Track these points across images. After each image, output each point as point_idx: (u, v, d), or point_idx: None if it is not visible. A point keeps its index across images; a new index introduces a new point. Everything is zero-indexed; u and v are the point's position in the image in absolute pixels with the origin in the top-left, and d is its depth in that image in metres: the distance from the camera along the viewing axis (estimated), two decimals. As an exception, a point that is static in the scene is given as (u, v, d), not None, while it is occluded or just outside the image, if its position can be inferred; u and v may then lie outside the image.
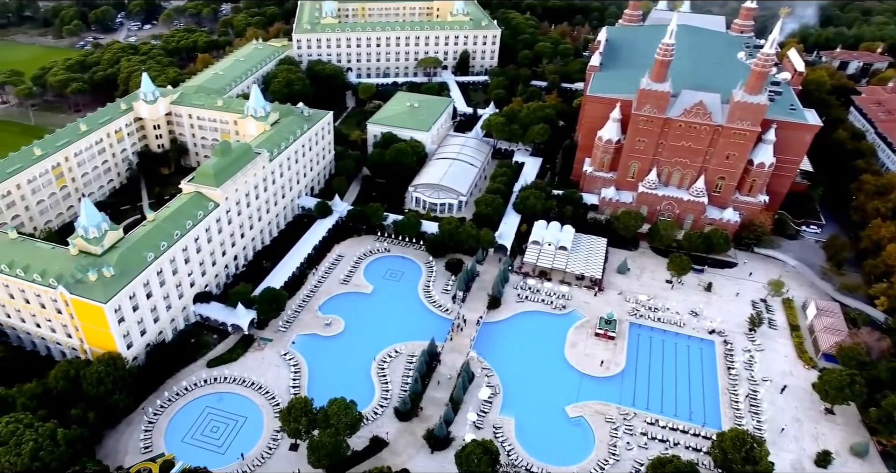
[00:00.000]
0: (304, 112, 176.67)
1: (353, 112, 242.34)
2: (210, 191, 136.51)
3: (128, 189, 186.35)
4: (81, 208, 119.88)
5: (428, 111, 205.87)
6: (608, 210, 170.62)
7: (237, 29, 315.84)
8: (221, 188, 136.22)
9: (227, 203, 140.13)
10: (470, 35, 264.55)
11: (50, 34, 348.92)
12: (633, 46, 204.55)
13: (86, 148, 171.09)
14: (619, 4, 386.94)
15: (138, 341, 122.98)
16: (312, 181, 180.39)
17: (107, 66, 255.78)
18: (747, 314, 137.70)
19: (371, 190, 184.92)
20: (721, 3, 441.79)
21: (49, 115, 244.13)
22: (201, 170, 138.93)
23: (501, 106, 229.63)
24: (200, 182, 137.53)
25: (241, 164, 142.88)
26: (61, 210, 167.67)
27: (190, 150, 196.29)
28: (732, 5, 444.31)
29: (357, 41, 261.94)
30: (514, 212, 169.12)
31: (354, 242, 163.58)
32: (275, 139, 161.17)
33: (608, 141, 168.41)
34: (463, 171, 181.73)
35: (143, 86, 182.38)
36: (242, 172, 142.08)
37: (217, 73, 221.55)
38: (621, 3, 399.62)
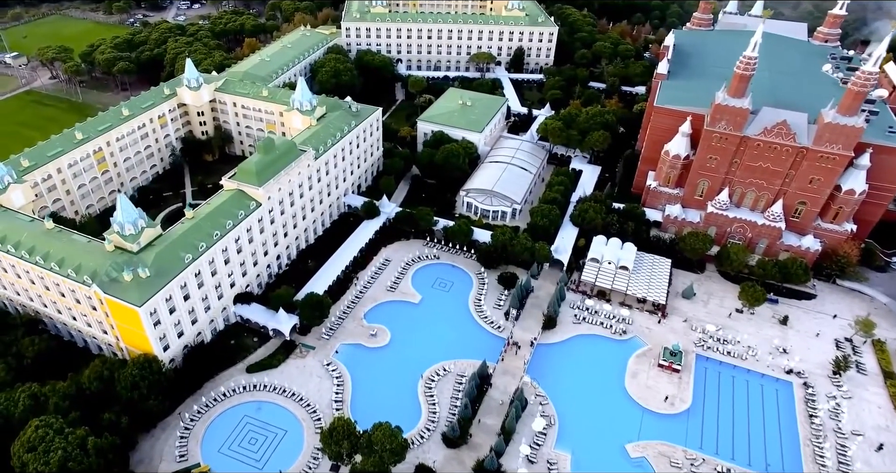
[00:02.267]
0: (352, 107, 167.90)
1: (403, 105, 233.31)
2: (252, 189, 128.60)
3: (171, 175, 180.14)
4: (118, 203, 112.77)
5: (481, 110, 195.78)
6: (672, 228, 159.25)
7: (285, 13, 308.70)
8: (264, 187, 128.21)
9: (270, 202, 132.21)
10: (526, 31, 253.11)
11: (101, 10, 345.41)
12: (704, 53, 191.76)
13: (128, 133, 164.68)
14: (681, 3, 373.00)
15: (175, 343, 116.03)
16: (359, 179, 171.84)
17: (154, 45, 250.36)
18: (831, 354, 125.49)
19: (420, 190, 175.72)
20: (793, 5, 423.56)
21: (95, 93, 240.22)
22: (243, 167, 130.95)
23: (558, 107, 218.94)
24: (242, 179, 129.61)
25: (285, 162, 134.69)
26: (103, 194, 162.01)
27: (234, 138, 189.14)
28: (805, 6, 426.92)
29: (408, 32, 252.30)
30: (572, 224, 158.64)
31: (402, 246, 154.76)
32: (321, 135, 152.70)
33: (676, 156, 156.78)
34: (517, 177, 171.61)
35: (187, 73, 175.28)
36: (286, 171, 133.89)
37: (263, 59, 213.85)
38: (683, 1, 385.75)
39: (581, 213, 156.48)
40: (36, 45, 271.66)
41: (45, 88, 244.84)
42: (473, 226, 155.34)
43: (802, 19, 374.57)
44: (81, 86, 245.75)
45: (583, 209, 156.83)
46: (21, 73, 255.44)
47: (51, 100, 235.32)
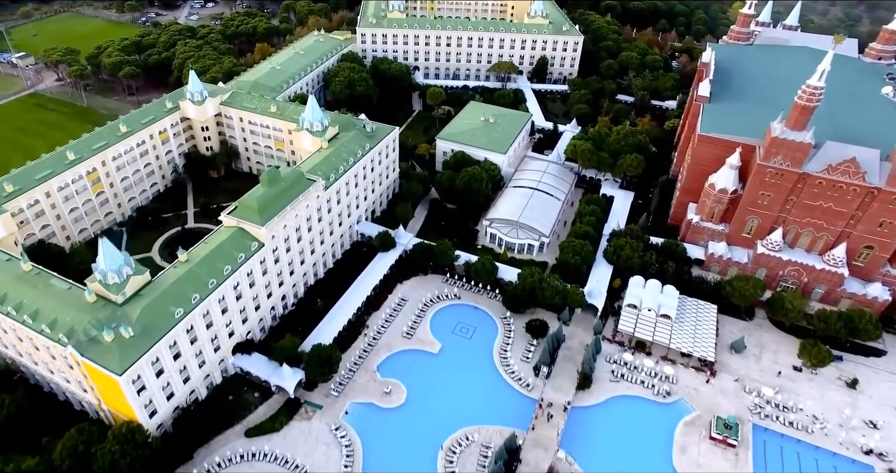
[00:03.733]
0: (367, 127, 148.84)
1: (420, 117, 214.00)
2: (254, 228, 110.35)
3: (172, 193, 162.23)
4: (100, 248, 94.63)
5: (505, 128, 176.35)
6: (716, 267, 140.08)
7: (299, 15, 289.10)
8: (267, 226, 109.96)
9: (274, 241, 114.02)
10: (549, 40, 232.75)
11: (114, 7, 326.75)
12: (746, 72, 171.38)
13: (126, 150, 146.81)
14: (705, 6, 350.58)
15: (164, 407, 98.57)
16: (374, 204, 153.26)
17: (162, 49, 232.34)
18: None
19: (439, 216, 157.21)
20: (822, 11, 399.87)
21: (101, 98, 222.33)
22: (244, 203, 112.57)
23: (584, 123, 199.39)
24: (243, 216, 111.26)
25: (292, 195, 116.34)
26: (98, 217, 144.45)
27: (241, 154, 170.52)
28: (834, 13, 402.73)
29: (426, 39, 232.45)
30: (605, 261, 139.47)
31: (420, 282, 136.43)
32: (332, 160, 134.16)
33: (722, 190, 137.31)
34: (544, 205, 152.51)
35: (191, 85, 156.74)
36: (292, 205, 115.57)
37: (274, 67, 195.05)
38: (708, 4, 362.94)
39: (616, 250, 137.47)
40: (45, 44, 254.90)
41: (50, 91, 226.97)
42: (498, 261, 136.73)
43: (833, 28, 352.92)
44: (87, 89, 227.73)
45: (618, 245, 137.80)
46: (26, 74, 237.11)
47: (54, 104, 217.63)
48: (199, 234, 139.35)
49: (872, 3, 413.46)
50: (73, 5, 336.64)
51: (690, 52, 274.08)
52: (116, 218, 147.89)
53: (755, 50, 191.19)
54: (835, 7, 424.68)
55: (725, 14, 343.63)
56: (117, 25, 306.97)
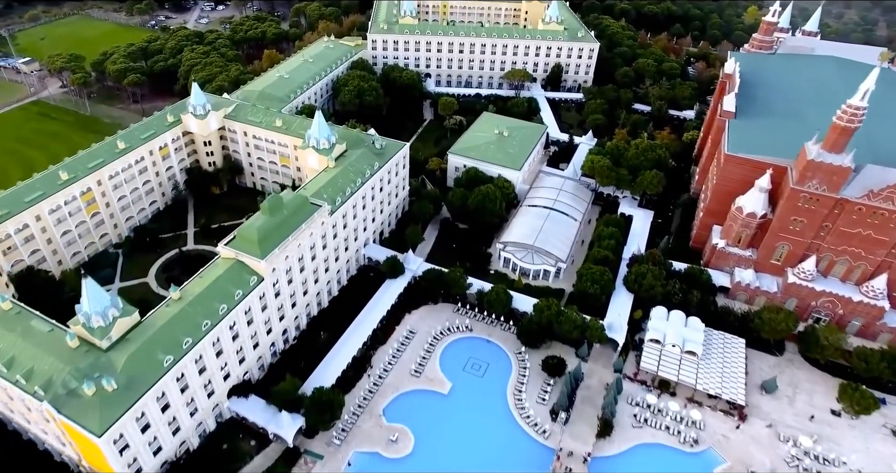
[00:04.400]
0: (376, 143, 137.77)
1: (431, 127, 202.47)
2: (253, 261, 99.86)
3: (173, 211, 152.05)
4: (83, 288, 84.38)
5: (519, 142, 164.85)
6: (742, 296, 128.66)
7: (310, 18, 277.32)
8: (267, 259, 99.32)
9: (275, 274, 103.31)
10: (564, 47, 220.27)
11: (123, 10, 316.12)
12: (771, 84, 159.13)
13: (124, 168, 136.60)
14: (719, 10, 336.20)
15: (151, 463, 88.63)
16: (382, 225, 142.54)
17: (169, 55, 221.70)
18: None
19: (451, 238, 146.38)
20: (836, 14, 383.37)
21: (105, 107, 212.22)
22: (243, 233, 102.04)
23: (600, 134, 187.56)
24: (241, 248, 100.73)
25: (295, 224, 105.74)
26: (93, 239, 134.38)
27: (245, 169, 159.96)
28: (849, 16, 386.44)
29: (438, 45, 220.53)
30: (625, 288, 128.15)
31: (429, 312, 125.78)
32: (339, 181, 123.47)
33: (751, 214, 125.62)
34: (561, 227, 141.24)
35: (193, 98, 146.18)
36: (295, 235, 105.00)
37: (282, 76, 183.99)
38: (722, 7, 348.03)
39: (637, 278, 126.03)
40: (53, 48, 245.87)
41: (54, 99, 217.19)
42: (512, 288, 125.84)
43: (850, 32, 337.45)
44: (92, 97, 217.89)
45: (639, 273, 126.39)
46: (30, 81, 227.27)
47: (57, 113, 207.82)
48: (198, 258, 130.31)
49: (890, 5, 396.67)
50: (84, 7, 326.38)
51: (707, 58, 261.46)
52: (112, 239, 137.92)
53: (779, 60, 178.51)
54: (850, 10, 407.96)
55: (740, 18, 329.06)
56: (126, 29, 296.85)
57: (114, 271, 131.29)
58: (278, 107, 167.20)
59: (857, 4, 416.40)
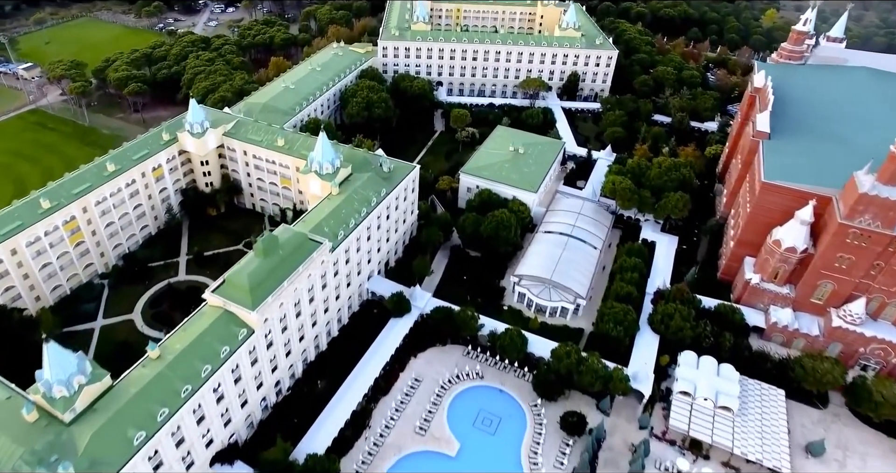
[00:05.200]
0: (384, 166, 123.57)
1: (442, 138, 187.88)
2: (243, 312, 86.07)
3: (165, 235, 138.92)
4: (45, 353, 71.25)
5: (536, 160, 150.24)
6: (778, 337, 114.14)
7: (320, 22, 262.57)
8: (259, 310, 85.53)
9: (267, 324, 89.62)
10: (582, 54, 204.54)
11: (133, 13, 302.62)
12: (804, 99, 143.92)
13: (112, 192, 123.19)
14: (736, 12, 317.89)
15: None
16: (388, 254, 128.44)
17: (173, 62, 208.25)
18: None
19: (461, 267, 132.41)
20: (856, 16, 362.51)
21: (103, 117, 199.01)
22: (233, 280, 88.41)
23: (619, 147, 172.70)
24: (230, 296, 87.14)
25: (291, 267, 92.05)
26: (76, 270, 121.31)
27: (244, 190, 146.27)
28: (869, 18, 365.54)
29: (451, 52, 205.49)
30: (650, 328, 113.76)
31: (437, 355, 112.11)
32: (342, 212, 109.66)
33: (790, 248, 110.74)
34: (580, 257, 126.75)
35: (191, 115, 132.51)
36: (291, 279, 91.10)
37: (288, 86, 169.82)
38: (737, 5, 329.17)
39: (663, 318, 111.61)
40: (57, 52, 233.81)
41: (52, 107, 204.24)
42: (527, 329, 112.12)
43: (869, 36, 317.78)
44: (93, 105, 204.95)
45: (665, 312, 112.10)
46: (30, 88, 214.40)
47: (55, 123, 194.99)
48: (189, 291, 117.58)
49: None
50: (93, 9, 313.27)
51: (725, 64, 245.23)
52: (98, 269, 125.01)
53: (810, 71, 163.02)
54: (869, 12, 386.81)
55: (758, 21, 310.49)
56: (134, 32, 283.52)
57: (97, 306, 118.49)
58: (282, 121, 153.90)
59: (875, 5, 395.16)
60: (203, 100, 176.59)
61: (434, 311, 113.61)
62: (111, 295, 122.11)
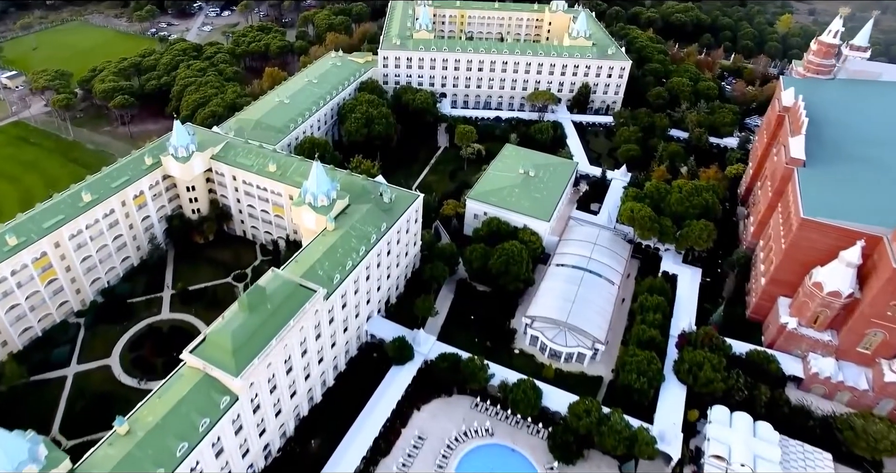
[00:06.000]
0: (385, 196, 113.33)
1: (446, 155, 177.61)
2: (226, 378, 75.92)
3: (149, 267, 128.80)
4: (-9, 441, 60.92)
5: (548, 184, 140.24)
6: (819, 389, 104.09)
7: (318, 28, 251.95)
8: (244, 376, 75.40)
9: (253, 388, 79.43)
10: (593, 65, 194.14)
11: (125, 17, 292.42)
12: (838, 119, 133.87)
13: (88, 224, 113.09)
14: (749, 17, 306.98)
15: None
16: (389, 291, 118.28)
17: (163, 72, 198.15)
18: None
19: (468, 304, 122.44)
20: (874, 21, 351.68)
21: (88, 131, 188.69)
22: (214, 339, 78.53)
23: (634, 166, 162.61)
24: (212, 359, 77.26)
25: (281, 322, 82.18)
26: (48, 310, 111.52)
27: (234, 216, 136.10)
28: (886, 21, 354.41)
29: (455, 63, 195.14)
30: (676, 377, 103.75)
31: (442, 407, 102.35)
32: (339, 253, 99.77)
33: (833, 293, 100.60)
34: (598, 296, 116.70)
35: (175, 138, 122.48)
36: (281, 335, 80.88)
37: (282, 101, 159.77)
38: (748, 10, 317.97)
39: (691, 367, 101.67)
40: (44, 59, 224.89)
41: (35, 120, 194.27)
42: (540, 378, 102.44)
43: (891, 42, 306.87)
44: (79, 117, 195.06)
45: (693, 361, 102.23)
46: (12, 98, 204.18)
47: (37, 137, 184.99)
48: (173, 331, 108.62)
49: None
50: (84, 12, 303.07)
51: (741, 73, 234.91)
52: (74, 307, 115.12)
53: (841, 88, 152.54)
54: (886, 16, 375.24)
55: (773, 26, 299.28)
56: (126, 37, 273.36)
57: (71, 350, 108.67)
58: (276, 140, 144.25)
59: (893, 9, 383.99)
60: (193, 115, 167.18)
61: (439, 359, 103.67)
62: (87, 337, 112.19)
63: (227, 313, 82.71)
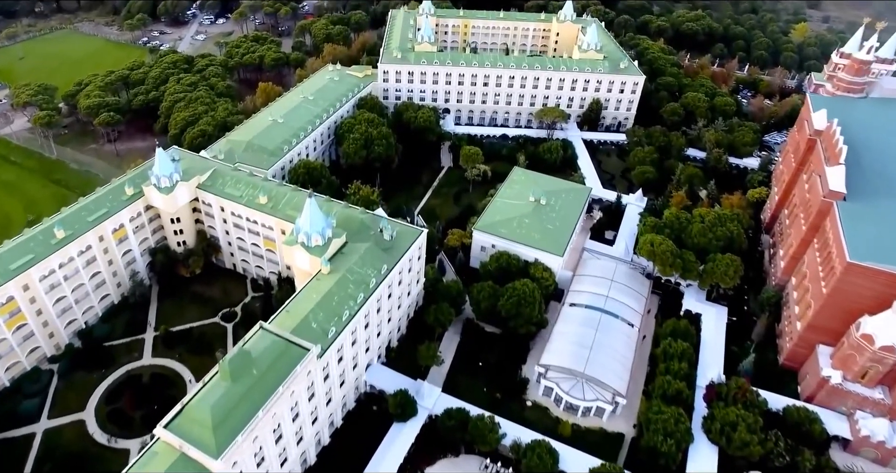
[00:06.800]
0: (385, 233, 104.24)
1: (450, 177, 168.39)
2: (206, 459, 66.60)
3: (131, 305, 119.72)
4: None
5: (560, 214, 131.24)
6: (869, 453, 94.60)
7: (315, 38, 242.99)
8: (226, 457, 66.12)
9: (238, 466, 69.95)
10: (605, 80, 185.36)
11: (116, 24, 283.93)
12: (881, 144, 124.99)
13: (62, 263, 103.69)
14: (762, 26, 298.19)
15: None
16: (390, 335, 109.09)
17: (151, 86, 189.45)
18: None
19: (476, 348, 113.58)
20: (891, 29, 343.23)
21: (71, 150, 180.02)
22: (192, 413, 69.85)
23: (649, 189, 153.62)
24: (189, 436, 68.40)
25: (269, 389, 73.63)
26: (17, 358, 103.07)
27: (223, 248, 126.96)
28: None
29: (459, 77, 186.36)
30: (706, 437, 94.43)
31: (449, 467, 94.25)
32: (334, 301, 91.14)
33: (886, 347, 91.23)
34: (617, 341, 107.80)
35: (158, 168, 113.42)
36: (267, 407, 71.73)
37: (276, 120, 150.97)
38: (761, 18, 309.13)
39: (723, 426, 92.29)
40: (30, 70, 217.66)
41: (17, 136, 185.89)
42: (556, 437, 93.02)
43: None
44: (63, 134, 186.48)
45: (725, 419, 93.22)
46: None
47: (18, 155, 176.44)
48: (154, 380, 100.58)
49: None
50: (74, 20, 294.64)
51: (756, 85, 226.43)
52: (47, 352, 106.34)
53: (876, 108, 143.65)
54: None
55: (787, 36, 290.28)
56: (116, 46, 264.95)
57: (42, 401, 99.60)
58: (268, 164, 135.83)
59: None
60: (181, 134, 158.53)
61: (445, 416, 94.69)
62: (60, 386, 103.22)
63: (209, 379, 73.34)
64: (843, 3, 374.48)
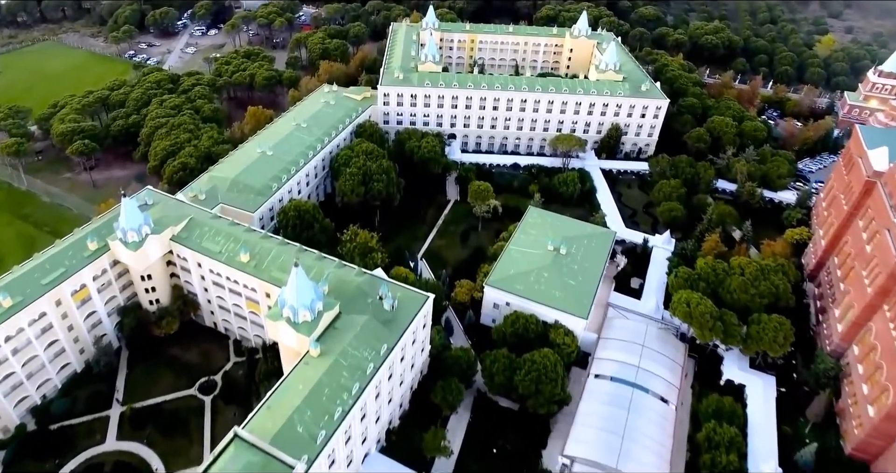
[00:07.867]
0: (385, 301, 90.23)
1: (456, 213, 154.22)
2: None
3: (94, 375, 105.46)
4: None
5: (583, 265, 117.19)
6: None
7: (310, 52, 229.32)
8: None
9: None
10: (625, 104, 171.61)
11: (102, 36, 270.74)
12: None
13: (10, 336, 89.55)
14: (783, 37, 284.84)
15: None
16: (391, 416, 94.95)
17: (132, 109, 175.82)
18: None
19: (489, 428, 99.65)
20: None
21: (42, 182, 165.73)
22: None
23: (678, 227, 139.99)
24: None
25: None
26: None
27: (203, 306, 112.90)
28: None
29: (466, 101, 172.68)
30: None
31: None
32: (324, 394, 77.31)
33: (981, 447, 76.33)
34: (652, 424, 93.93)
35: (124, 220, 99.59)
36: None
37: (265, 152, 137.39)
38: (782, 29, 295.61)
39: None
40: (8, 85, 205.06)
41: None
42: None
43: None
44: (38, 159, 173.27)
45: (788, 531, 78.09)
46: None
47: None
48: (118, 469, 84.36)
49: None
50: (58, 31, 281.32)
51: (783, 105, 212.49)
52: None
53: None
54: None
55: (812, 49, 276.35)
56: (101, 59, 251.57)
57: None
58: (255, 204, 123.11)
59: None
60: (161, 165, 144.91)
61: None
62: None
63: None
64: (865, 11, 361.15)
